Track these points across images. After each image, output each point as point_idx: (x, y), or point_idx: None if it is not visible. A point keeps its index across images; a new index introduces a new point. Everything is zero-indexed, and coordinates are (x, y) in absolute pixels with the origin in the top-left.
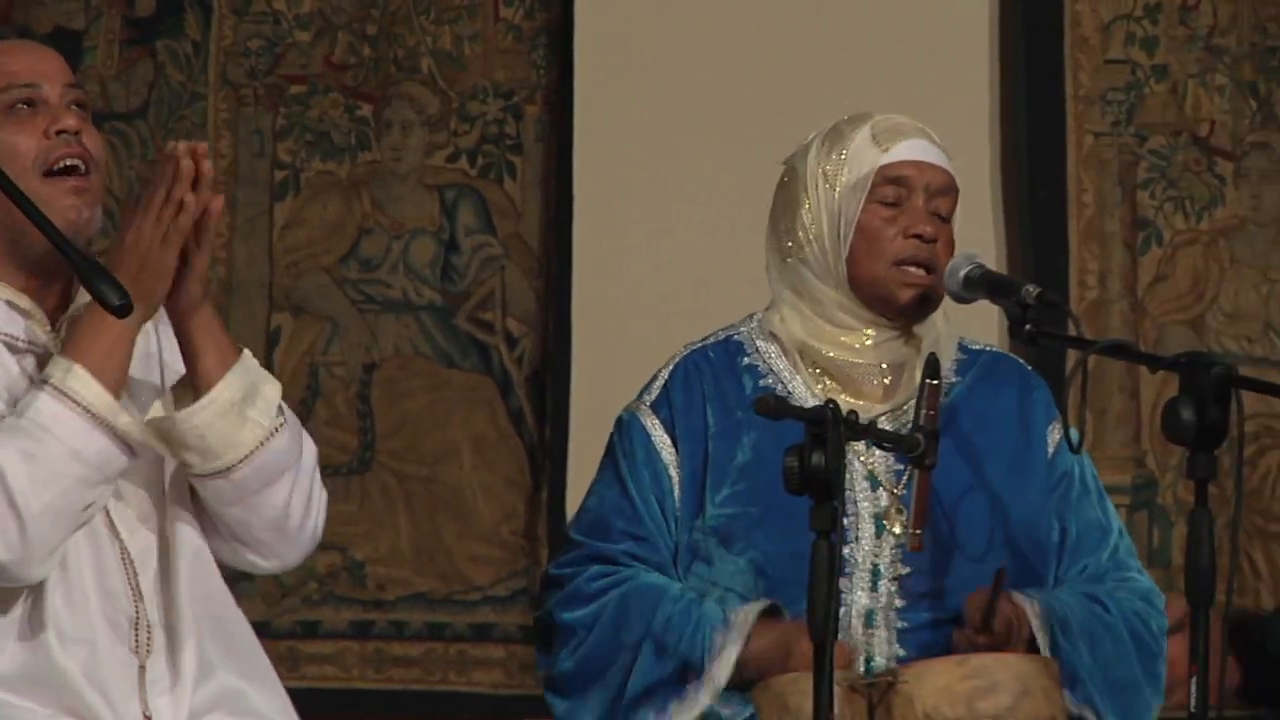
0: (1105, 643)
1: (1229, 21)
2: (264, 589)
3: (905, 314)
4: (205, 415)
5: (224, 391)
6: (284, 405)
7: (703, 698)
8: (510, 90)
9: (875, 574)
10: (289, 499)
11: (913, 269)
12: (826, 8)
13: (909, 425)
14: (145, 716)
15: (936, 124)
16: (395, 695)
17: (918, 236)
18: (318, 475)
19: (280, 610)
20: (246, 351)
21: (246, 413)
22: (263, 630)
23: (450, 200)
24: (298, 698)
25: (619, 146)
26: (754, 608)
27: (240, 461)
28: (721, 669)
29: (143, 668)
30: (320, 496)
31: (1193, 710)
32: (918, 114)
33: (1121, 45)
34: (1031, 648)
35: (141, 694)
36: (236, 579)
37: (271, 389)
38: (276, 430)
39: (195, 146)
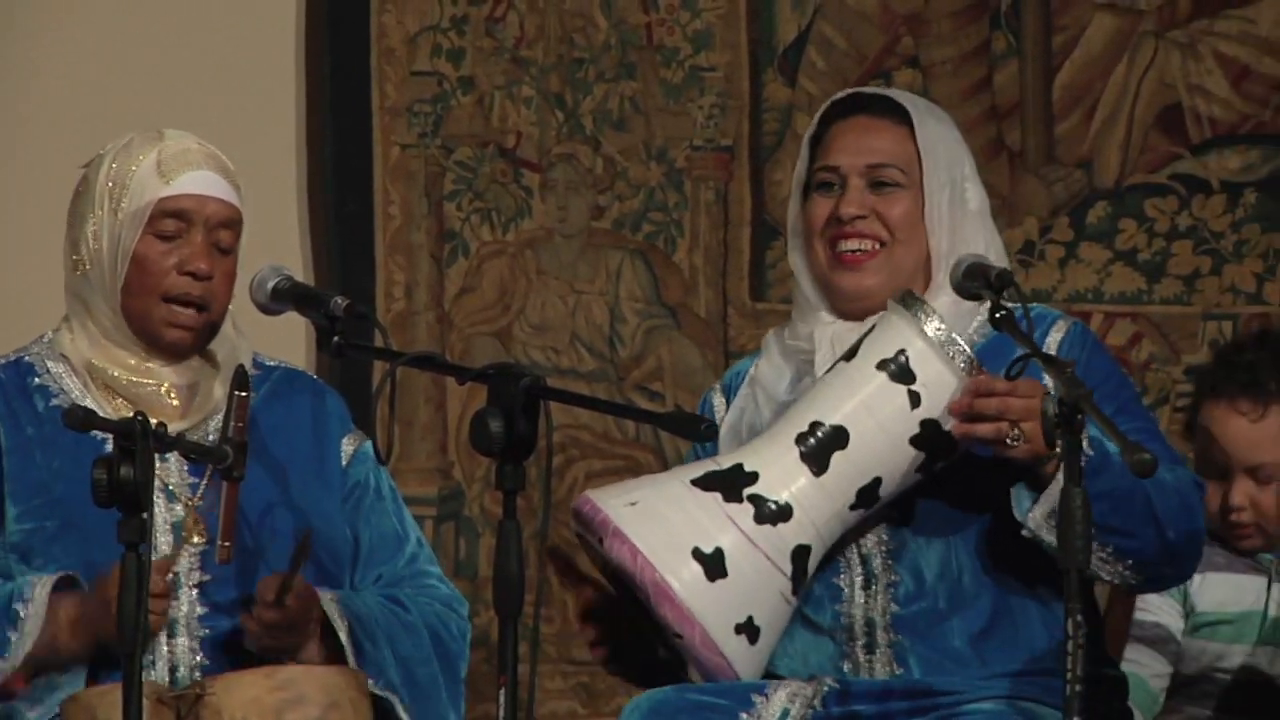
0: (405, 642)
1: (535, 33)
2: None
3: (173, 351)
4: None
5: None
6: None
7: None
8: None
9: (175, 583)
10: None
11: (180, 308)
12: (130, 16)
13: (209, 440)
14: None
15: (241, 137)
16: None
17: (191, 274)
18: None
19: None
20: None
21: None
22: None
23: None
24: None
25: None
26: (33, 624)
27: None
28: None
29: None
30: None
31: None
32: (221, 127)
33: (428, 57)
34: (334, 648)
35: None
36: None
37: None
38: None
39: None
